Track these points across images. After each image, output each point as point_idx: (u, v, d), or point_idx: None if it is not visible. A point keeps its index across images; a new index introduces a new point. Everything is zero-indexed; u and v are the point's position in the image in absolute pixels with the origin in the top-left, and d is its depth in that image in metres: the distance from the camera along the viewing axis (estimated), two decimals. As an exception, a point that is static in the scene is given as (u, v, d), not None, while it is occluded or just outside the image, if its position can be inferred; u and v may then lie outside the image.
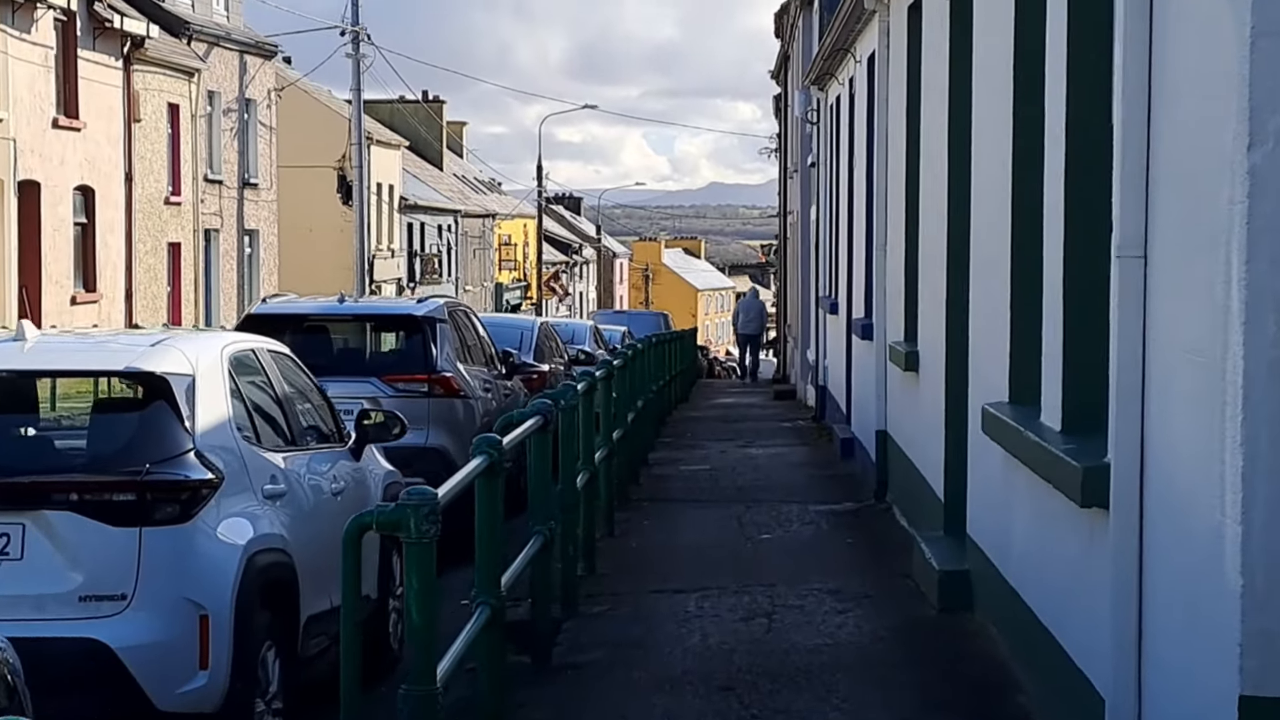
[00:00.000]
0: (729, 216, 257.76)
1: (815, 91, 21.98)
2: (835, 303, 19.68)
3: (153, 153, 34.96)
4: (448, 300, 14.83)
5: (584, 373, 11.35)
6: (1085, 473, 5.68)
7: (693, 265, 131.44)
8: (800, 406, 27.27)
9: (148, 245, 34.82)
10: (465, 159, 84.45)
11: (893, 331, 12.98)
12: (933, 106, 10.67)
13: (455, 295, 67.11)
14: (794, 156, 31.80)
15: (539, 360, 19.98)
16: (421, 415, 13.29)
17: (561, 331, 28.14)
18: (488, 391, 14.51)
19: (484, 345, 15.46)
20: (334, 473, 8.69)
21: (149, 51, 34.01)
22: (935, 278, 10.39)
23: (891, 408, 13.35)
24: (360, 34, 43.21)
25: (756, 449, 19.03)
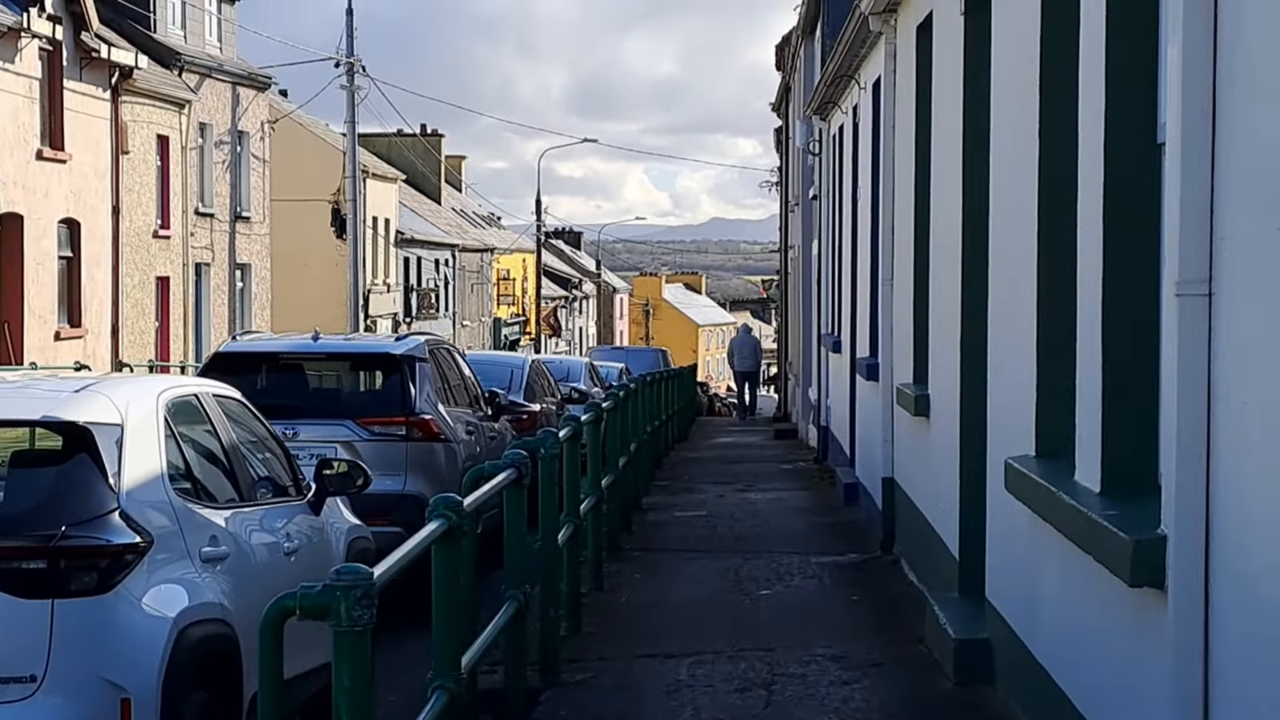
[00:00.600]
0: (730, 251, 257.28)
1: (817, 122, 21.23)
2: (838, 341, 18.89)
3: (141, 185, 34.23)
4: (429, 338, 14.04)
5: (569, 417, 10.56)
6: (1136, 547, 4.87)
7: (693, 300, 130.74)
8: (801, 447, 26.45)
9: (135, 279, 34.05)
10: (464, 193, 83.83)
11: (900, 373, 12.18)
12: (945, 131, 9.89)
13: (452, 330, 66.41)
14: (795, 190, 31.06)
15: (530, 400, 19.19)
16: (398, 460, 12.51)
17: (555, 369, 27.36)
18: (471, 434, 13.71)
19: (468, 385, 14.67)
20: (289, 529, 7.88)
21: (138, 82, 33.31)
22: (948, 316, 9.60)
23: (899, 454, 12.54)
24: (355, 65, 42.63)
25: (756, 493, 18.21)
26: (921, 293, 11.18)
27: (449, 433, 12.96)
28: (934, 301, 10.51)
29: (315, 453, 12.56)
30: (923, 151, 11.20)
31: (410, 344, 13.22)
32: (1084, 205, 5.97)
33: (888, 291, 13.16)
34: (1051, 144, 6.74)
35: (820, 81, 18.74)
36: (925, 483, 10.91)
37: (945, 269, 9.82)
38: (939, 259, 10.22)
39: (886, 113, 13.17)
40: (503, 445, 14.92)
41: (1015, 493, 6.93)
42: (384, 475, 12.45)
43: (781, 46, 43.29)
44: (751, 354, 44.10)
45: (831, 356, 20.31)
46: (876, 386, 13.97)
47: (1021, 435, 7.14)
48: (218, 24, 41.93)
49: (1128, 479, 5.60)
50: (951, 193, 9.44)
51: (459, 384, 14.40)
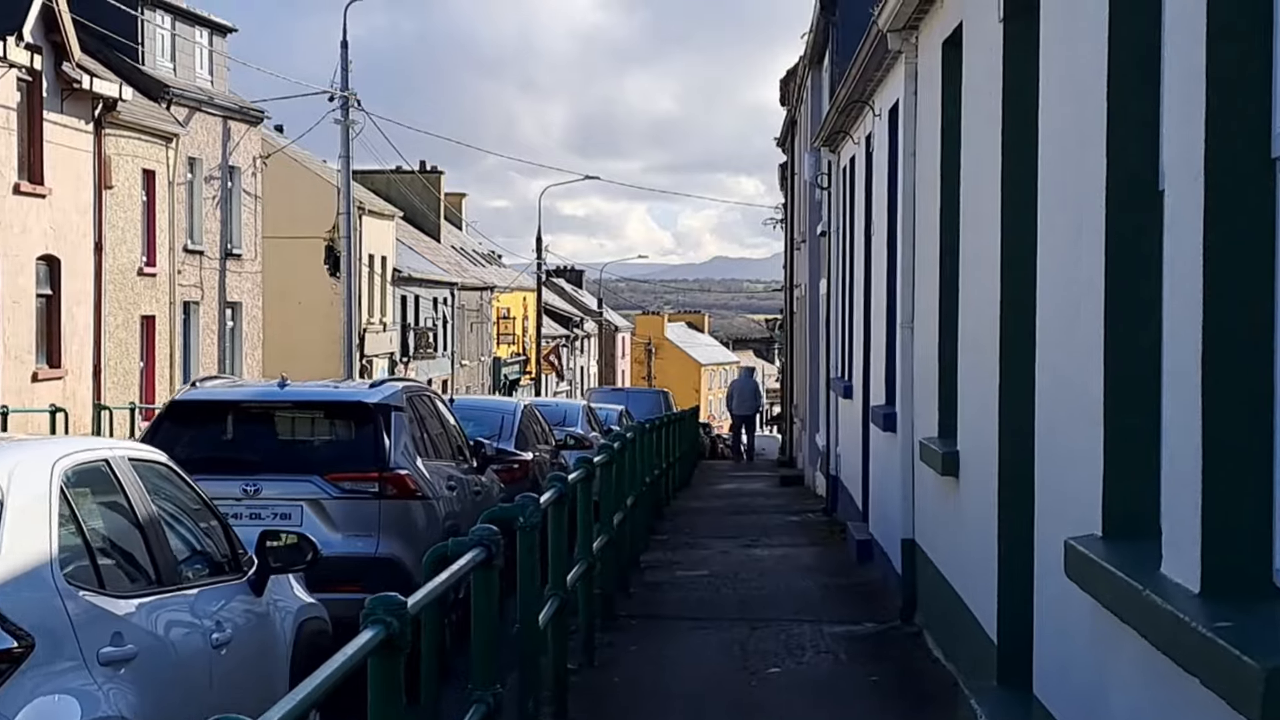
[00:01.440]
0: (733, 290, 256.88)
1: (826, 154, 20.13)
2: (849, 386, 17.74)
3: (125, 221, 33.17)
4: (406, 384, 12.89)
5: (554, 477, 9.40)
6: (1270, 680, 3.72)
7: (696, 339, 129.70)
8: (808, 496, 25.29)
9: (119, 318, 32.97)
10: (465, 231, 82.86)
11: (923, 425, 11.03)
12: (979, 155, 8.77)
13: (451, 370, 65.34)
14: (801, 226, 29.96)
15: (522, 447, 18.04)
16: (371, 520, 11.36)
17: (551, 412, 26.18)
18: (453, 489, 12.56)
19: (451, 435, 13.53)
20: (221, 616, 6.73)
21: (122, 115, 32.29)
22: (982, 364, 8.47)
23: (922, 515, 11.38)
24: (350, 99, 41.64)
25: (762, 549, 17.04)
26: (949, 337, 10.05)
27: (427, 489, 11.81)
28: (964, 347, 9.37)
29: (279, 511, 11.45)
30: (950, 180, 10.08)
31: (385, 391, 12.09)
32: (1176, 228, 4.83)
33: (907, 335, 12.03)
34: (1125, 161, 5.61)
35: (830, 110, 17.64)
36: (954, 550, 9.75)
37: (979, 311, 8.69)
38: (971, 300, 9.08)
39: (906, 139, 12.07)
40: (489, 500, 13.79)
41: (1078, 579, 5.78)
42: (355, 536, 11.34)
43: (786, 80, 42.38)
44: (751, 397, 43.46)
45: (841, 402, 19.17)
46: (894, 439, 12.82)
47: (1082, 507, 6.00)
48: (209, 56, 40.97)
49: (1239, 576, 4.45)
50: (987, 225, 8.31)
51: (440, 434, 13.26)
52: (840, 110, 16.26)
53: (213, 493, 11.66)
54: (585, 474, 10.88)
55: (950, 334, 10.00)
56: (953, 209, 9.97)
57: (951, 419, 9.96)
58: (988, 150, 8.30)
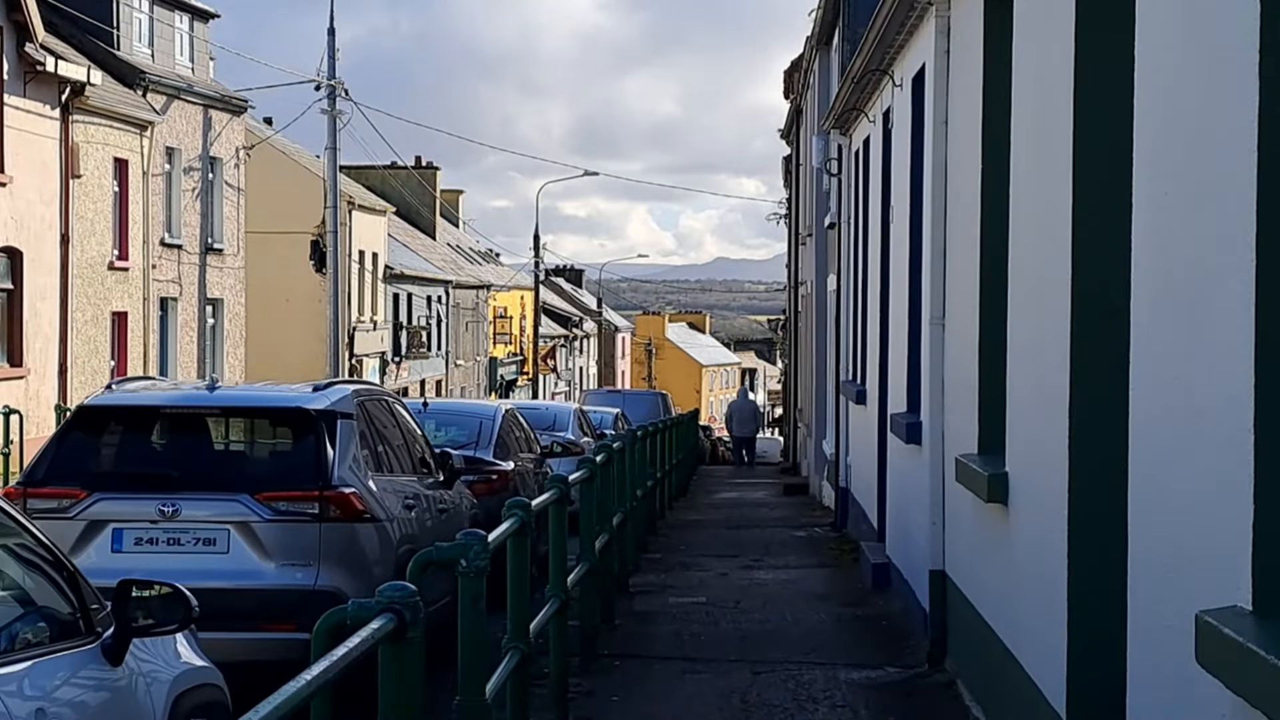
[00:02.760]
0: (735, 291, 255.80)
1: (836, 136, 18.44)
2: (862, 390, 16.07)
3: (95, 212, 31.47)
4: (359, 388, 11.20)
5: (514, 504, 7.71)
6: None
7: (697, 340, 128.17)
8: (815, 506, 23.61)
9: (87, 314, 31.28)
10: (462, 229, 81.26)
11: (959, 439, 9.37)
12: (1040, 114, 7.10)
13: (445, 370, 63.64)
14: (807, 220, 28.28)
15: (502, 456, 16.36)
16: (309, 546, 9.70)
17: (539, 417, 24.48)
18: (412, 509, 10.89)
19: (412, 446, 11.86)
20: (54, 698, 5.07)
21: (91, 100, 30.59)
22: (1044, 367, 6.81)
23: (956, 544, 9.71)
24: (337, 88, 40.02)
25: (765, 570, 15.36)
26: (992, 336, 8.38)
27: (378, 509, 10.14)
28: (1016, 348, 7.70)
29: (202, 535, 9.78)
30: (995, 149, 8.42)
31: (332, 396, 10.41)
32: None
33: (936, 333, 10.36)
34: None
35: (842, 85, 15.97)
36: (1000, 592, 8.07)
37: (1038, 304, 7.02)
38: (1026, 291, 7.42)
39: (935, 107, 10.40)
40: (457, 518, 12.13)
41: (1215, 668, 4.13)
42: (291, 566, 9.68)
43: (790, 72, 40.87)
44: (750, 418, 43.35)
45: (853, 408, 17.50)
46: (919, 452, 11.15)
47: (1213, 568, 4.34)
48: (189, 43, 39.29)
49: None
50: (1052, 199, 6.64)
51: (400, 444, 11.60)
52: (855, 83, 14.57)
53: (124, 514, 10.13)
54: (557, 495, 9.20)
55: (995, 332, 8.34)
56: (998, 183, 8.31)
57: (996, 433, 8.30)
58: (1054, 106, 6.63)
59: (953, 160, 9.98)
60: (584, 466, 10.92)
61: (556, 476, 9.62)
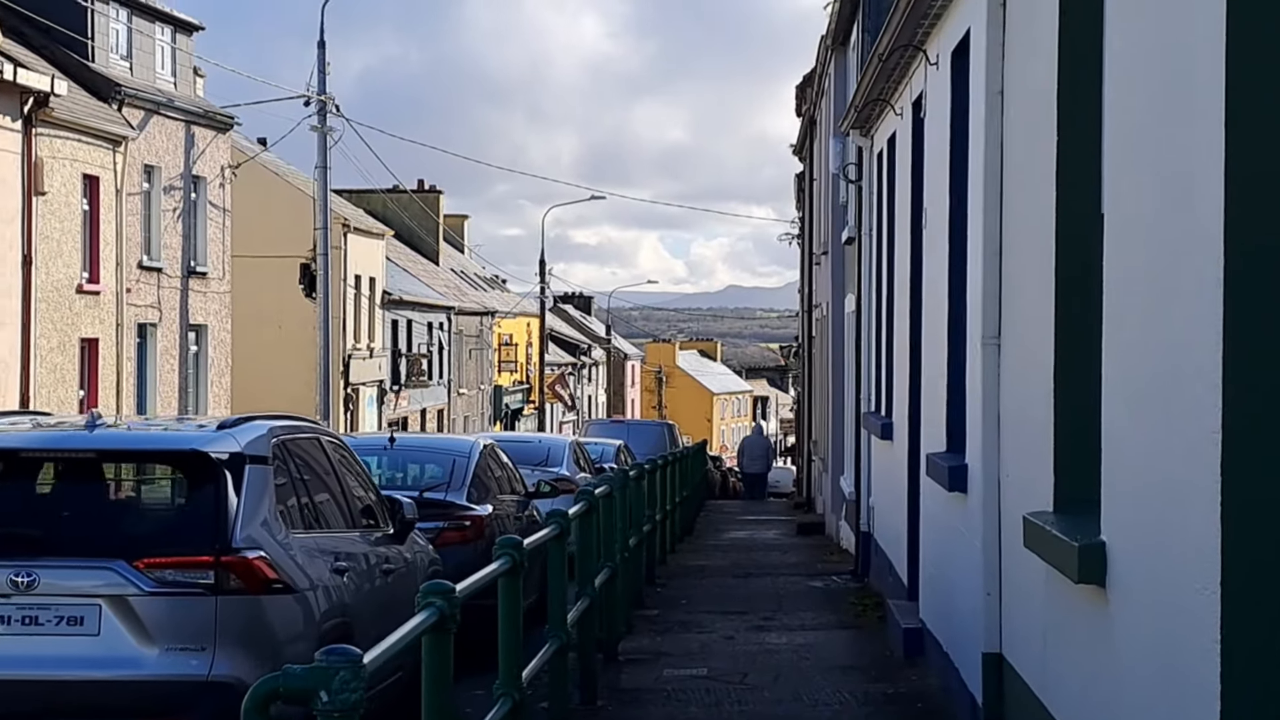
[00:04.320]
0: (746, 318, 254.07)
1: (856, 139, 16.43)
2: (888, 424, 14.03)
3: (62, 232, 29.52)
4: (281, 424, 9.16)
5: (428, 589, 5.70)
6: None
7: (708, 368, 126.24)
8: (831, 549, 21.54)
9: (54, 341, 29.31)
10: (467, 255, 79.44)
11: (1024, 491, 7.34)
12: (1163, 73, 5.09)
13: (447, 399, 61.61)
14: (821, 238, 26.27)
15: (478, 498, 14.33)
16: (203, 626, 7.70)
17: (531, 451, 22.49)
18: (344, 572, 8.87)
19: (350, 494, 9.84)
20: None
21: (56, 112, 28.66)
22: (1170, 404, 4.80)
23: (1021, 624, 7.67)
24: (328, 104, 38.16)
25: (777, 632, 13.29)
26: (1076, 357, 6.38)
27: (296, 576, 8.13)
28: (1117, 378, 5.67)
29: (65, 614, 7.76)
30: (1079, 121, 6.42)
31: (241, 436, 8.41)
32: None
33: (989, 357, 8.33)
34: None
35: (864, 76, 13.95)
36: (1096, 700, 6.03)
37: (1158, 318, 5.01)
38: (1138, 297, 5.40)
39: (989, 78, 8.39)
40: (410, 579, 10.14)
41: None
42: (178, 651, 7.67)
43: (803, 87, 39.16)
44: (763, 455, 42.82)
45: (876, 443, 15.46)
46: (965, 503, 9.13)
47: None
48: (170, 55, 37.41)
49: None
50: (1192, 176, 4.64)
51: (335, 493, 9.59)
52: (881, 63, 12.53)
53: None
54: (507, 566, 7.17)
55: (1079, 353, 6.34)
56: (1084, 160, 6.31)
57: (1082, 486, 6.29)
58: (1192, 54, 4.62)
59: (1012, 140, 7.97)
60: (552, 521, 8.87)
61: (505, 539, 7.53)
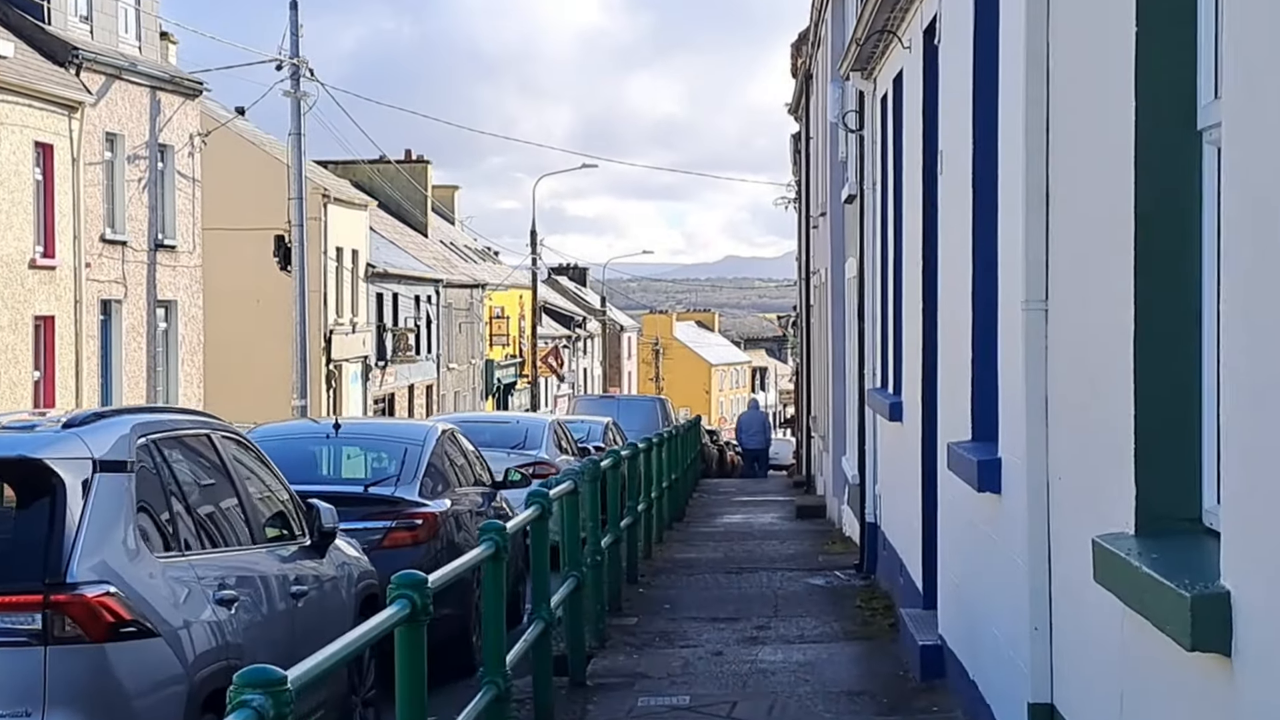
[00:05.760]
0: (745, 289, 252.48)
1: (858, 82, 14.64)
2: (897, 404, 12.29)
3: (12, 203, 27.73)
4: (150, 419, 7.38)
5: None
6: None
7: (706, 339, 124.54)
8: (834, 536, 19.82)
9: (3, 319, 27.56)
10: (458, 227, 77.61)
11: (1087, 499, 5.60)
12: None
13: (436, 374, 59.85)
14: (820, 200, 24.51)
15: (432, 492, 12.60)
16: (28, 683, 6.01)
17: (507, 433, 20.80)
18: (232, 603, 7.14)
19: (251, 503, 8.09)
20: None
21: (3, 75, 26.85)
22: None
23: (1081, 670, 5.92)
24: (301, 67, 36.35)
25: (773, 646, 11.54)
26: (1166, 322, 4.65)
27: (157, 615, 6.43)
28: (1246, 340, 3.93)
29: None
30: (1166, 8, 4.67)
31: (92, 436, 6.69)
32: None
33: (1034, 325, 6.57)
34: None
35: (868, 3, 12.15)
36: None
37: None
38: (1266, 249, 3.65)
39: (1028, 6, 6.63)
40: (329, 602, 8.47)
41: None
42: (-3, 715, 5.99)
43: (798, 45, 37.42)
44: (760, 430, 41.96)
45: (883, 424, 13.72)
46: (996, 506, 7.40)
47: None
48: (134, 18, 35.57)
49: None
50: None
51: (234, 500, 7.86)
52: None
53: None
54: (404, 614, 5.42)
55: (1174, 320, 4.60)
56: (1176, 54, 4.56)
57: (1182, 504, 4.56)
58: None
59: (1063, 51, 6.22)
60: (485, 537, 7.10)
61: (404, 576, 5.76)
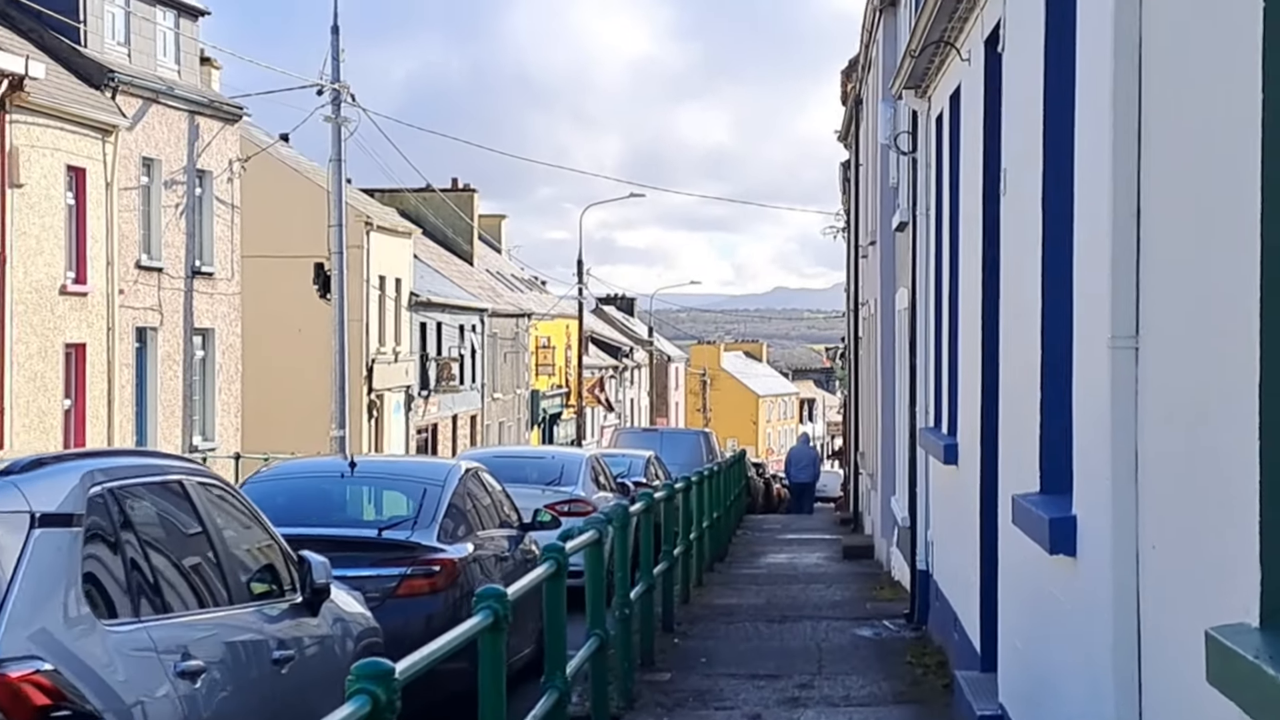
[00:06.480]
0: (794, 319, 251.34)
1: (911, 100, 13.73)
2: (952, 446, 11.34)
3: (42, 228, 27.09)
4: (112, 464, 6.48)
5: None
6: None
7: (754, 370, 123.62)
8: (882, 581, 18.84)
9: (32, 346, 26.88)
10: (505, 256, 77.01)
11: (1190, 580, 4.66)
12: None
13: (481, 404, 59.05)
14: (869, 228, 23.58)
15: (452, 536, 11.74)
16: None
17: (542, 468, 19.90)
18: (197, 675, 6.25)
19: (230, 557, 7.21)
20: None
21: (34, 97, 26.23)
22: None
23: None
24: (342, 93, 35.73)
25: (816, 709, 10.48)
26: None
27: (103, 694, 5.56)
28: None
29: None
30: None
31: (32, 486, 5.88)
32: None
33: (1121, 365, 5.64)
34: None
35: (923, 13, 11.24)
36: None
37: None
38: None
39: None
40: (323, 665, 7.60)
41: None
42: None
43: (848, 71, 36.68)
44: (809, 465, 42.03)
45: (937, 467, 12.77)
46: (1072, 571, 6.46)
47: None
48: (174, 42, 35.01)
49: None
50: None
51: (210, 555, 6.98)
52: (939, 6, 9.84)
53: None
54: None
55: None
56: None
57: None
58: None
59: (1161, 45, 5.31)
60: (482, 605, 6.19)
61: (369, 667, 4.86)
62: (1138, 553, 5.48)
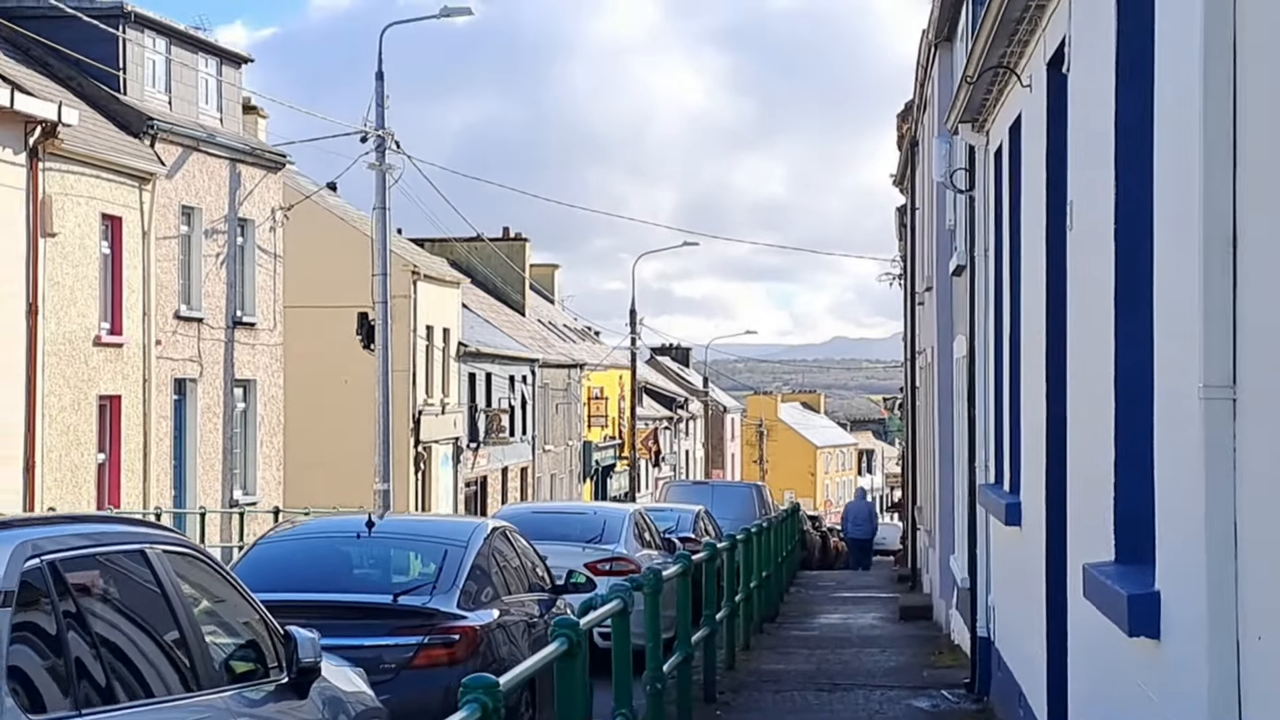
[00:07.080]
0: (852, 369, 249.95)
1: (968, 135, 12.90)
2: (1015, 506, 10.44)
3: (76, 278, 26.52)
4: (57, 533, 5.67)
5: None
6: None
7: (811, 420, 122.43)
8: (941, 645, 17.87)
9: (66, 398, 26.28)
10: (557, 306, 76.39)
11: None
12: None
13: (531, 456, 58.27)
14: (926, 272, 22.71)
15: (475, 601, 10.92)
16: None
17: (584, 524, 19.02)
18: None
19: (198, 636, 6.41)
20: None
21: (68, 144, 25.71)
22: None
23: None
24: (386, 139, 35.14)
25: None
26: None
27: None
28: None
29: None
30: None
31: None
32: None
33: (1215, 419, 4.77)
34: None
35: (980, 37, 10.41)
36: None
37: None
38: None
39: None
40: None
41: None
42: None
43: (903, 115, 35.88)
44: (866, 520, 41.40)
45: (997, 526, 11.86)
46: (1155, 653, 5.58)
47: None
48: (216, 89, 34.55)
49: None
50: None
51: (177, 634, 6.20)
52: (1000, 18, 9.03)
53: None
54: None
55: None
56: None
57: None
58: None
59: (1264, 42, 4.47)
60: (469, 696, 5.33)
61: None
62: (1238, 643, 4.61)
